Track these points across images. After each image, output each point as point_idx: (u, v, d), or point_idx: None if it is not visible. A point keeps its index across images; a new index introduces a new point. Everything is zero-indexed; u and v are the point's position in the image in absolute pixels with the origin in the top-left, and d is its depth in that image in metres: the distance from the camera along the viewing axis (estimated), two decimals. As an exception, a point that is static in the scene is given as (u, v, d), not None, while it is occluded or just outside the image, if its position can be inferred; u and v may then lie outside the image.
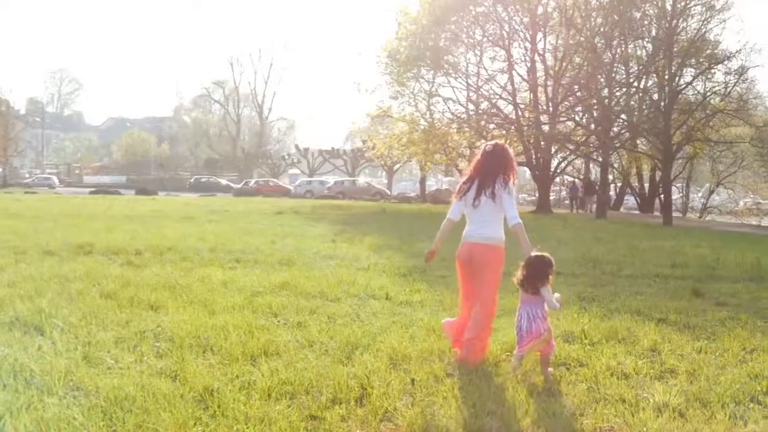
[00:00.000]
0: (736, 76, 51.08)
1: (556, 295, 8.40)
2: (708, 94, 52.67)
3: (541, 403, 6.79)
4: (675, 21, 49.56)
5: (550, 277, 8.39)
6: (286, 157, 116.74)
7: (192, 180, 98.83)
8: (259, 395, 6.75)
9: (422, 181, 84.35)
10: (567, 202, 68.24)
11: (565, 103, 56.39)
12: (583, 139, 56.69)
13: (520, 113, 56.21)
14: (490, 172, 8.89)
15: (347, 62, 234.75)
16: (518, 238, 8.72)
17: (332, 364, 7.85)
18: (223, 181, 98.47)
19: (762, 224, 60.81)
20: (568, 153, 59.05)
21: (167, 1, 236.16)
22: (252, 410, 6.32)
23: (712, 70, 52.32)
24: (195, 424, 6.04)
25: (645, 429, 6.28)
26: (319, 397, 6.77)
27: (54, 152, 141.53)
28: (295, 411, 6.38)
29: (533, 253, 8.56)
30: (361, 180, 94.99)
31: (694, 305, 12.72)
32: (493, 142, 9.39)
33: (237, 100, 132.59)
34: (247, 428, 5.95)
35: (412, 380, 7.35)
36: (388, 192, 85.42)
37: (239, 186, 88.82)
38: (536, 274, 8.35)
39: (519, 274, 8.48)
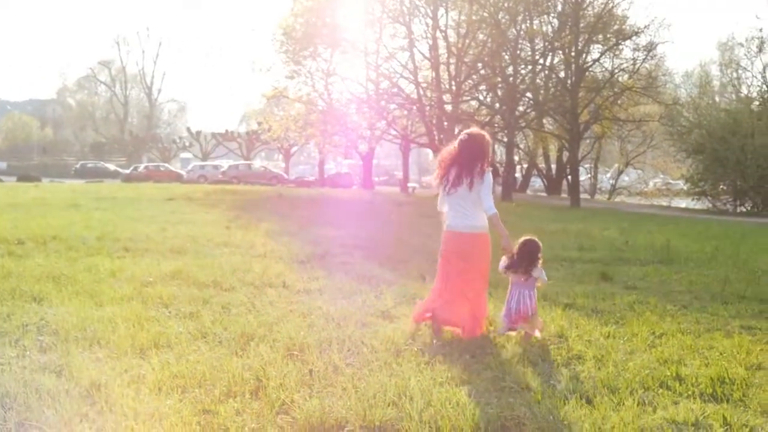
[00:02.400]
0: (645, 53, 52.00)
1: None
2: (616, 71, 53.60)
3: (445, 393, 6.79)
4: (581, -5, 50.29)
5: (540, 258, 9.56)
6: (178, 140, 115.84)
7: (78, 165, 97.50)
8: (149, 389, 6.66)
9: (321, 164, 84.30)
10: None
11: (469, 81, 56.71)
12: (488, 119, 57.11)
13: (421, 92, 56.40)
14: (468, 162, 9.36)
15: (241, 40, 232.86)
16: (496, 228, 9.35)
17: (226, 355, 7.80)
18: (111, 167, 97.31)
19: (672, 205, 61.86)
20: (472, 133, 59.35)
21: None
22: (141, 405, 6.24)
23: (620, 47, 53.22)
24: (81, 420, 5.94)
25: (551, 417, 6.32)
26: (213, 390, 6.71)
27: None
28: (187, 405, 6.31)
29: (523, 238, 9.57)
30: (257, 164, 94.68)
31: (602, 289, 12.92)
32: (469, 130, 9.79)
33: (124, 81, 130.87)
34: (137, 424, 5.87)
35: (310, 371, 7.31)
36: (285, 176, 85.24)
37: (128, 171, 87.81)
38: (528, 258, 9.43)
39: (507, 260, 9.49)
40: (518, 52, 54.08)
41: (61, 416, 5.96)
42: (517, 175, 73.06)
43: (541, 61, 55.91)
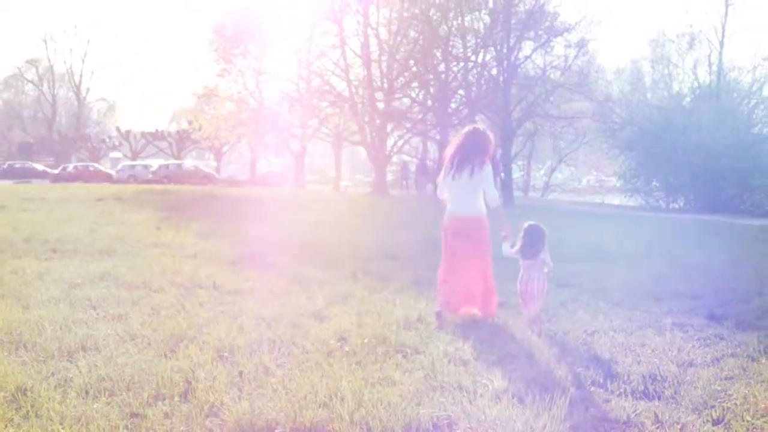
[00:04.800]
0: (577, 49, 52.52)
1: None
2: (548, 68, 53.98)
3: (376, 393, 6.78)
4: (513, -9, 50.62)
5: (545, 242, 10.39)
6: (107, 140, 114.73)
7: (5, 166, 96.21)
8: (76, 393, 6.61)
9: (253, 163, 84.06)
10: (405, 182, 68.32)
11: (401, 78, 56.73)
12: (420, 116, 57.21)
13: (353, 90, 56.31)
14: (469, 153, 10.45)
15: (171, 38, 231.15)
16: (499, 218, 10.67)
17: (155, 358, 7.73)
18: (39, 167, 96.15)
19: (605, 202, 62.44)
20: (404, 131, 59.46)
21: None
22: (68, 409, 6.19)
23: (552, 43, 53.69)
24: (6, 426, 5.89)
25: (483, 416, 6.34)
26: (141, 393, 6.65)
27: None
28: (114, 409, 6.27)
29: (528, 223, 10.41)
30: (188, 163, 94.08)
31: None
32: (473, 125, 11.16)
33: (52, 80, 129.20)
34: (63, 428, 5.82)
35: (240, 373, 7.27)
36: (216, 175, 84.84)
37: (57, 172, 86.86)
38: (531, 241, 10.29)
39: (509, 245, 10.50)
40: (450, 49, 54.27)
41: (-14, 421, 5.90)
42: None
43: (473, 58, 56.12)
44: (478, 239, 10.48)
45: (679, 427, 6.29)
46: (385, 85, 55.33)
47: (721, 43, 68.36)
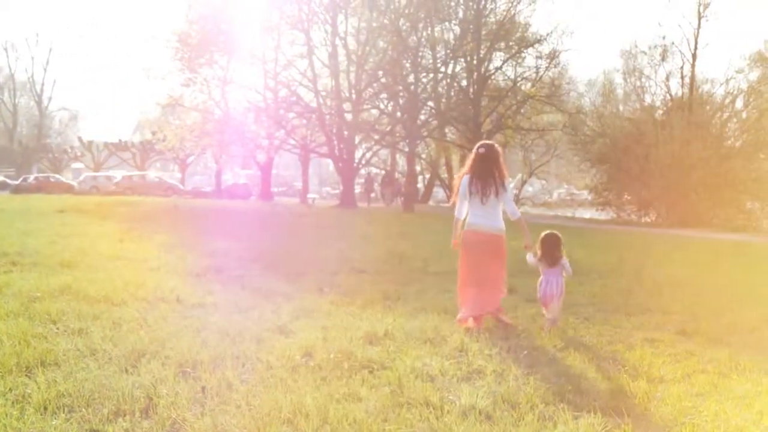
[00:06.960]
0: (548, 61, 52.75)
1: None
2: (518, 79, 54.24)
3: (342, 410, 6.76)
4: (483, 2, 50.70)
5: (563, 248, 11.26)
6: (69, 150, 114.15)
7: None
8: (34, 409, 6.55)
9: (218, 174, 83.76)
10: (374, 195, 67.93)
11: (369, 89, 56.62)
12: (389, 128, 57.15)
13: (321, 101, 56.20)
14: (490, 171, 11.09)
15: (134, 47, 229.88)
16: (522, 230, 11.46)
17: (116, 373, 7.67)
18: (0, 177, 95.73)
19: (576, 216, 62.53)
20: (373, 143, 59.36)
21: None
22: (26, 426, 6.15)
23: (523, 54, 54.00)
24: (-38, 444, 5.85)
25: (450, 433, 6.34)
26: (101, 409, 6.60)
27: None
28: (74, 425, 6.22)
29: (545, 232, 11.36)
30: (152, 174, 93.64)
31: (505, 301, 12.97)
32: (483, 143, 11.60)
33: (13, 88, 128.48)
34: (20, 446, 5.80)
35: (203, 388, 7.23)
36: (181, 187, 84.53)
37: (17, 182, 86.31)
38: (550, 248, 11.19)
39: (537, 253, 11.33)
40: (419, 59, 54.33)
41: (-60, 439, 5.85)
42: (419, 185, 73.24)
43: (443, 69, 56.21)
44: (501, 255, 11.38)
45: (649, 444, 6.32)
46: (354, 96, 55.19)
47: (694, 56, 68.46)
